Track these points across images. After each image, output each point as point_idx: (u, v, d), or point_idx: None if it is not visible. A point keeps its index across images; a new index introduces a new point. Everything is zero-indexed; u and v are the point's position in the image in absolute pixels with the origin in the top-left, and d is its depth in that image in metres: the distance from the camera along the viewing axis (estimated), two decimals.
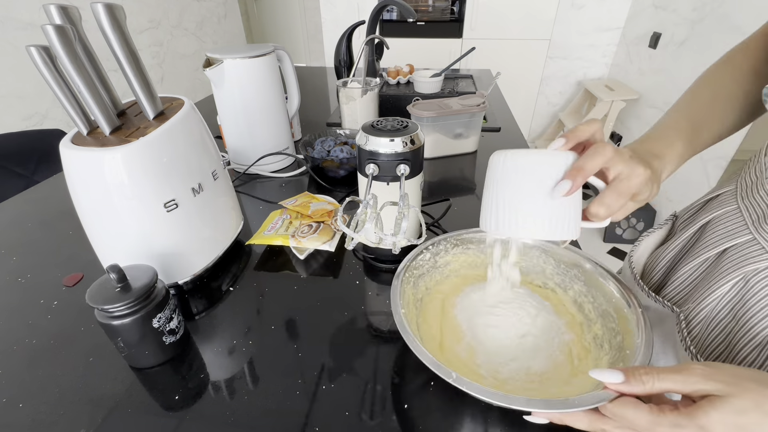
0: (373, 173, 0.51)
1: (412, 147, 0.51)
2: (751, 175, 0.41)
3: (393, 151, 0.50)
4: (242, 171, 0.82)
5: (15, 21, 1.57)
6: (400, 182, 0.50)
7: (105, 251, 0.50)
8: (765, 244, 0.36)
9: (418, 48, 2.45)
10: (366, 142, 0.51)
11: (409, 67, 1.38)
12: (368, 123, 0.54)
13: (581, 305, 0.47)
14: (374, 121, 0.54)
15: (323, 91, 1.41)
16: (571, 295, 0.49)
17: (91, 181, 0.44)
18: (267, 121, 0.81)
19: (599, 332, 0.43)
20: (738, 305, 0.38)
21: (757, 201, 0.39)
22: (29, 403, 0.41)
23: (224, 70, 0.73)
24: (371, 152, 0.51)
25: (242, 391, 0.42)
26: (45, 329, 0.49)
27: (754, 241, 0.37)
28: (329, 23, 2.49)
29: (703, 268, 0.43)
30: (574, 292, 0.49)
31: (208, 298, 0.54)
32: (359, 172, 0.55)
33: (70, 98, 0.44)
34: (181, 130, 0.49)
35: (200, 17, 2.62)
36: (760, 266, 0.36)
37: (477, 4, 2.32)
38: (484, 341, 0.44)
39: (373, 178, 0.52)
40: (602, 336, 0.43)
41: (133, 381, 0.43)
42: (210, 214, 0.54)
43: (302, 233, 0.59)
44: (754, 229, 0.37)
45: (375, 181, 0.52)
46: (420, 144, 0.52)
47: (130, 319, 0.40)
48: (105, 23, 0.42)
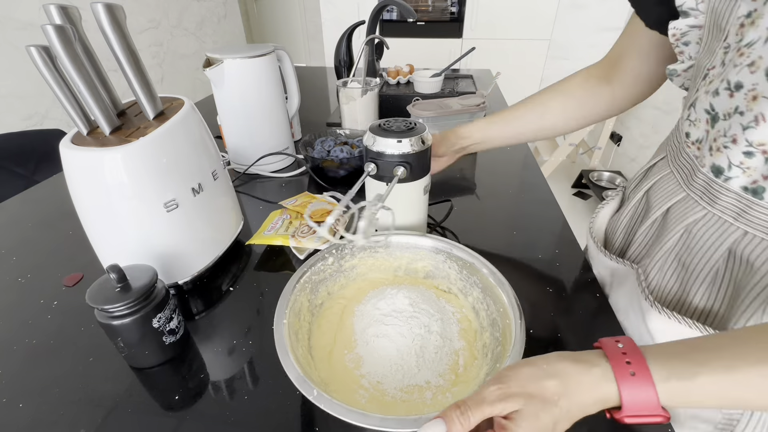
0: (371, 172, 0.51)
1: (421, 148, 0.51)
2: (675, 141, 0.47)
3: (398, 152, 0.50)
4: (242, 171, 0.82)
5: (15, 21, 1.57)
6: (391, 182, 0.50)
7: (105, 251, 0.50)
8: (696, 198, 0.41)
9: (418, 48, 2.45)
10: (373, 143, 0.51)
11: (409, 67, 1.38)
12: (376, 123, 0.54)
13: (478, 311, 0.48)
14: (382, 122, 0.54)
15: (323, 91, 1.41)
16: (470, 300, 0.49)
17: (91, 181, 0.44)
18: (267, 121, 0.81)
19: (487, 341, 0.43)
20: (684, 253, 0.43)
21: (682, 164, 0.44)
22: (29, 403, 0.41)
23: (224, 70, 0.73)
24: (378, 153, 0.51)
25: (242, 391, 0.42)
26: (45, 329, 0.49)
27: (688, 197, 0.42)
28: (329, 23, 2.49)
29: (654, 228, 0.48)
30: (473, 299, 0.49)
31: (208, 298, 0.54)
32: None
33: (70, 98, 0.44)
34: (181, 130, 0.49)
35: (200, 17, 2.62)
36: (697, 216, 0.41)
37: (477, 4, 2.32)
38: (372, 351, 0.43)
39: (375, 178, 0.52)
40: (488, 345, 0.43)
41: (133, 381, 0.43)
42: (210, 214, 0.54)
43: (302, 233, 0.59)
44: (686, 187, 0.43)
45: (378, 181, 0.53)
46: (427, 145, 0.52)
47: (130, 319, 0.40)
48: (105, 23, 0.42)
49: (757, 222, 0.36)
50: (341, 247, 0.51)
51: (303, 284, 0.46)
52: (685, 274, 0.43)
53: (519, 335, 0.38)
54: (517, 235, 0.66)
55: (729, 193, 0.37)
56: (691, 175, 0.42)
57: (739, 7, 0.34)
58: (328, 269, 0.50)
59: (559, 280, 0.56)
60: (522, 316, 0.40)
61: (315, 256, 0.49)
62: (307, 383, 0.34)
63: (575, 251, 0.61)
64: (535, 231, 0.67)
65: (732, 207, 0.38)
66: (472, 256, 0.49)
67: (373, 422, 0.31)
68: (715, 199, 0.39)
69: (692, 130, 0.42)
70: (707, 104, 0.38)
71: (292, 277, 0.46)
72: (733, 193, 0.37)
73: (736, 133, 0.35)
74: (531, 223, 0.69)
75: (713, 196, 0.39)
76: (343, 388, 0.40)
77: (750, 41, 0.33)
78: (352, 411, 0.32)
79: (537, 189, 0.78)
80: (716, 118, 0.37)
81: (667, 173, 0.47)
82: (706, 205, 0.40)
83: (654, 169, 0.51)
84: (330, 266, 0.51)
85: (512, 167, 0.88)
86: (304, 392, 0.33)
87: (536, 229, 0.67)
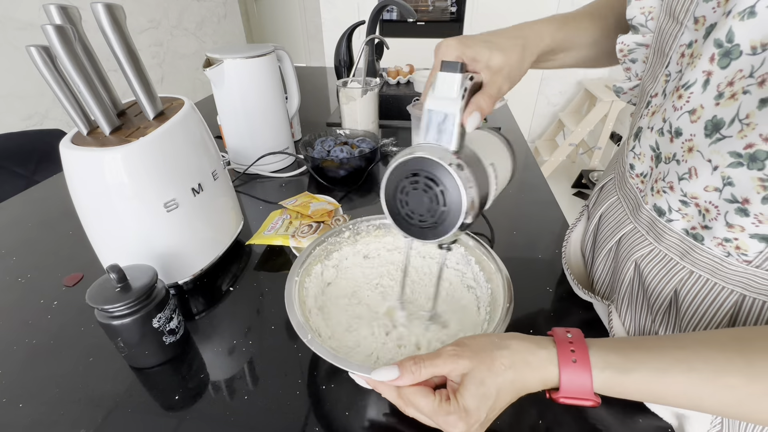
0: None
1: None
2: (620, 166, 0.44)
3: None
4: (242, 171, 0.82)
5: (15, 21, 1.57)
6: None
7: (105, 251, 0.50)
8: (643, 232, 0.39)
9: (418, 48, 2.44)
10: None
11: (409, 67, 1.38)
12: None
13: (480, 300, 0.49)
14: None
15: (323, 91, 1.41)
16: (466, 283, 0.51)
17: (91, 181, 0.44)
18: (267, 121, 0.81)
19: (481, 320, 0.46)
20: (638, 288, 0.41)
21: (627, 193, 0.42)
22: (29, 403, 0.41)
23: (224, 70, 0.73)
24: None
25: (242, 391, 0.42)
26: (45, 329, 0.49)
27: (636, 229, 0.40)
28: (329, 23, 2.49)
29: (610, 258, 0.46)
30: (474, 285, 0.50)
31: (208, 298, 0.54)
32: None
33: (70, 98, 0.44)
34: (181, 130, 0.49)
35: (200, 17, 2.62)
36: (644, 251, 0.39)
37: (477, 4, 2.32)
38: None
39: None
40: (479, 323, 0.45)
41: (133, 381, 0.43)
42: (210, 214, 0.54)
43: (302, 233, 0.59)
44: (633, 218, 0.41)
45: None
46: None
47: (130, 319, 0.40)
48: (105, 23, 0.42)
49: (702, 263, 0.34)
50: (357, 222, 0.54)
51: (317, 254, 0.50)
52: (648, 312, 0.41)
53: (503, 318, 0.39)
54: (517, 235, 0.66)
55: (672, 233, 0.36)
56: (636, 208, 0.40)
57: (683, 34, 0.33)
58: (344, 242, 0.53)
59: (559, 280, 0.56)
60: (512, 301, 0.41)
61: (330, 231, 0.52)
62: (303, 328, 0.38)
63: None
64: (535, 231, 0.67)
65: (676, 246, 0.36)
66: (479, 245, 0.49)
67: (352, 367, 0.35)
68: (660, 235, 0.37)
69: (636, 163, 0.40)
70: (653, 141, 0.36)
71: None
72: (676, 233, 0.35)
73: (673, 181, 0.34)
74: (531, 223, 0.69)
75: (659, 232, 0.37)
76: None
77: (687, 82, 0.31)
78: (337, 357, 0.36)
79: (537, 189, 0.78)
80: (659, 158, 0.36)
81: (614, 200, 0.45)
82: (652, 241, 0.38)
83: (604, 191, 0.48)
84: (346, 240, 0.53)
85: None
86: (300, 335, 0.38)
87: (536, 229, 0.67)
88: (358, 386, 0.41)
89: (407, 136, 0.99)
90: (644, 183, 0.39)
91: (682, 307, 0.37)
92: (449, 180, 0.30)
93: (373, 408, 0.40)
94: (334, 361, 0.35)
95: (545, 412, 0.40)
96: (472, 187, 0.30)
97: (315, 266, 0.49)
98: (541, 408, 0.40)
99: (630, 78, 0.44)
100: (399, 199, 0.33)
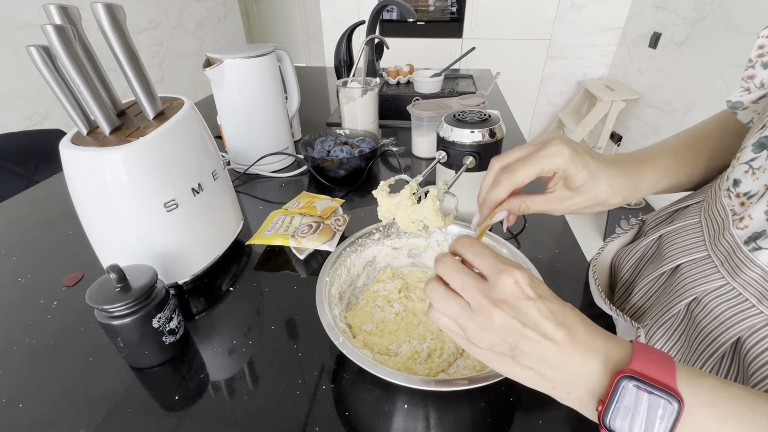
0: (441, 160, 0.55)
1: (491, 139, 0.55)
2: (717, 187, 0.38)
3: (470, 141, 0.55)
4: (242, 171, 0.82)
5: (15, 21, 1.57)
6: (459, 171, 0.52)
7: (105, 251, 0.50)
8: (717, 262, 0.34)
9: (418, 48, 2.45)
10: (450, 133, 0.55)
11: (409, 67, 1.38)
12: (450, 114, 0.59)
13: None
14: (457, 113, 0.59)
15: (323, 91, 1.41)
16: None
17: (91, 181, 0.44)
18: (267, 121, 0.81)
19: None
20: (690, 327, 0.36)
21: (714, 215, 0.36)
22: (29, 403, 0.41)
23: (224, 70, 0.73)
24: (450, 141, 0.55)
25: (242, 391, 0.42)
26: (45, 329, 0.49)
27: (708, 258, 0.35)
28: (329, 23, 2.49)
29: (660, 283, 0.41)
30: None
31: (208, 298, 0.54)
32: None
33: (70, 98, 0.44)
34: (181, 130, 0.49)
35: (200, 17, 2.62)
36: (710, 286, 0.34)
37: (477, 4, 2.32)
38: None
39: (445, 165, 0.57)
40: None
41: (133, 381, 0.43)
42: (210, 214, 0.54)
43: (302, 233, 0.59)
44: (710, 245, 0.35)
45: (449, 169, 0.59)
46: (501, 136, 0.56)
47: (130, 319, 0.40)
48: (105, 23, 0.42)
49: None
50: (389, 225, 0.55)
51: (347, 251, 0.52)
52: (689, 353, 0.35)
53: None
54: (517, 236, 0.66)
55: (754, 266, 0.30)
56: (719, 232, 0.34)
57: None
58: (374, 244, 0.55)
59: (559, 280, 0.56)
60: None
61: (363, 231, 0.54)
62: (335, 330, 0.40)
63: (575, 251, 0.61)
64: (535, 231, 0.67)
65: (756, 284, 0.30)
66: (515, 255, 0.50)
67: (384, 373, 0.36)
68: (738, 268, 0.31)
69: (746, 178, 0.33)
70: None
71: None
72: (759, 267, 0.30)
73: None
74: (531, 223, 0.69)
75: (736, 264, 0.32)
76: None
77: None
78: (368, 362, 0.37)
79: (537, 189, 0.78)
80: None
81: (694, 222, 0.39)
82: (725, 274, 0.33)
83: (683, 213, 0.42)
84: (376, 241, 0.55)
85: None
86: (332, 338, 0.39)
87: (536, 229, 0.67)
88: (358, 386, 0.41)
89: (407, 136, 0.99)
90: (745, 205, 0.33)
91: (746, 359, 0.31)
92: None
93: (373, 408, 0.40)
94: (366, 366, 0.37)
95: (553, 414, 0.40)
96: None
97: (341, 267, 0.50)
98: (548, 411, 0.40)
99: (749, 89, 0.36)
100: None
